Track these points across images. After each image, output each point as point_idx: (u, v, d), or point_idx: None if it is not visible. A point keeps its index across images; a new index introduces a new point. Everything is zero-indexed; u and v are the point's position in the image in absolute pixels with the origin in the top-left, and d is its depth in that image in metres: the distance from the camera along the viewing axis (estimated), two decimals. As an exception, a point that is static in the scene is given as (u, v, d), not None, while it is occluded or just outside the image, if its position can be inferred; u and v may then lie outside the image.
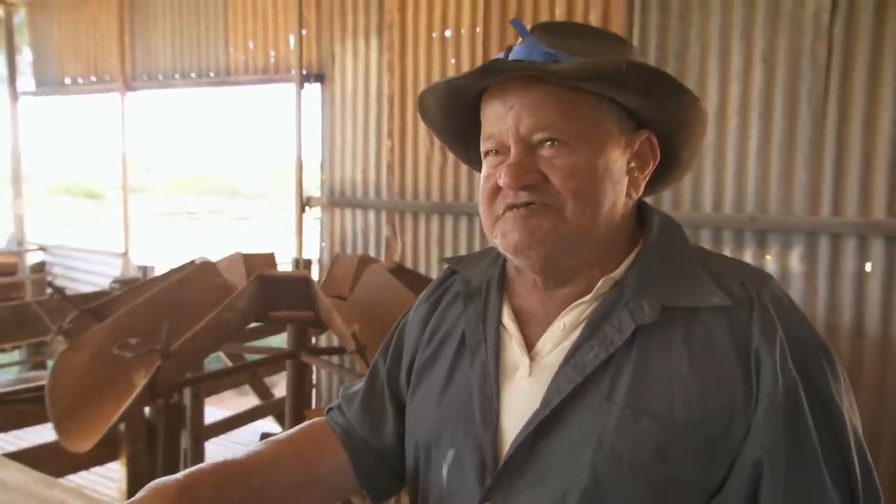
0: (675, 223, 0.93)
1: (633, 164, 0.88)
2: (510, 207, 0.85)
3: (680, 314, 0.83)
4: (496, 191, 0.86)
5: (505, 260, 0.97)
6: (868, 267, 3.16)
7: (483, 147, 0.89)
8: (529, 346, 0.90)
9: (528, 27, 0.88)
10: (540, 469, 0.82)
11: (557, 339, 0.88)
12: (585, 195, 0.83)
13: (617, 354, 0.83)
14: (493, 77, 0.86)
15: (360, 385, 1.11)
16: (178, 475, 0.90)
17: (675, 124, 0.88)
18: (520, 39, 0.87)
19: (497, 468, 0.85)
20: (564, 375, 0.83)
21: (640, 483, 0.78)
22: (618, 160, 0.86)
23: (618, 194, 0.86)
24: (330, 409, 1.12)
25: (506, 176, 0.83)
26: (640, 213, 0.94)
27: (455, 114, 0.94)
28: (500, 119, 0.85)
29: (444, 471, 0.91)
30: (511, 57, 0.85)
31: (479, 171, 0.94)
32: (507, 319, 0.93)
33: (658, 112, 0.86)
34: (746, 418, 0.78)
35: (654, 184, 0.95)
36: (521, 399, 0.87)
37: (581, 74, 0.81)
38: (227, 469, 0.94)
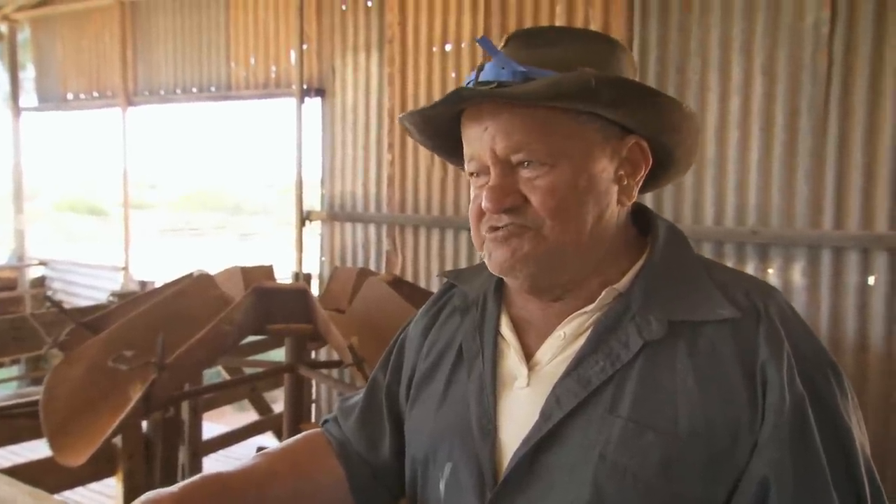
0: (679, 232, 0.91)
1: (622, 172, 0.85)
2: (492, 229, 0.84)
3: (685, 326, 0.81)
4: (482, 213, 0.85)
5: None
6: (871, 280, 3.13)
7: (467, 168, 0.88)
8: (528, 355, 0.88)
9: (504, 38, 0.87)
10: (541, 485, 0.80)
11: (557, 348, 0.86)
12: (566, 213, 0.81)
13: (620, 368, 0.81)
14: (458, 105, 0.85)
15: (357, 397, 1.09)
16: (173, 488, 0.89)
17: (661, 129, 0.86)
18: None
19: (496, 482, 0.83)
20: (566, 388, 0.81)
21: (643, 499, 0.76)
22: (605, 169, 0.84)
23: (605, 206, 0.84)
24: (326, 421, 1.10)
25: (486, 200, 0.82)
26: (643, 218, 0.92)
27: (439, 135, 0.93)
28: (477, 141, 0.84)
29: (442, 486, 0.88)
30: (481, 77, 0.83)
31: None
32: (506, 329, 0.91)
33: (638, 120, 0.84)
34: (752, 434, 0.76)
35: (655, 181, 0.93)
36: (520, 410, 0.85)
37: (548, 95, 0.79)
38: (222, 482, 0.93)
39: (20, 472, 2.60)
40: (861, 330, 3.13)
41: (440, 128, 0.91)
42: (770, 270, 3.33)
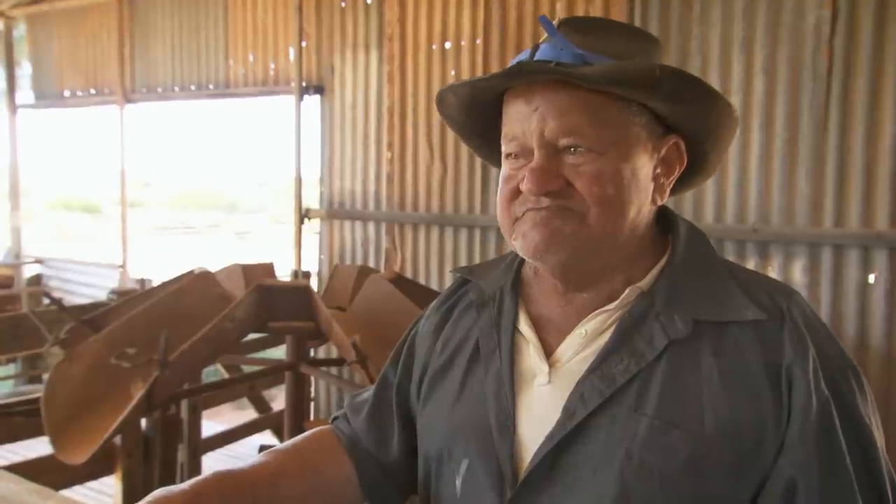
0: (700, 232, 0.91)
1: (659, 170, 0.85)
2: (531, 210, 0.82)
3: (709, 326, 0.81)
4: (516, 193, 0.84)
5: (520, 266, 0.95)
6: (871, 278, 3.14)
7: (505, 148, 0.86)
8: (548, 352, 0.87)
9: (556, 23, 0.84)
10: (565, 482, 0.80)
11: (578, 346, 0.85)
12: (610, 203, 0.80)
13: (645, 366, 0.80)
14: (519, 79, 0.83)
15: (367, 394, 1.08)
16: (184, 485, 0.88)
17: (706, 130, 0.85)
18: (544, 36, 0.83)
19: (515, 479, 0.82)
20: (591, 385, 0.81)
21: (670, 497, 0.76)
22: (644, 166, 0.83)
23: (643, 201, 0.84)
24: (336, 418, 1.10)
25: (528, 181, 0.81)
26: (664, 218, 0.92)
27: (476, 112, 0.91)
28: (524, 120, 0.82)
29: (458, 482, 0.87)
30: (538, 56, 0.82)
31: (496, 165, 0.91)
32: (524, 325, 0.90)
33: (689, 118, 0.83)
34: (778, 435, 0.76)
35: (678, 186, 0.93)
36: (540, 407, 0.84)
37: (613, 79, 0.78)
38: (233, 479, 0.92)
39: (18, 471, 2.59)
40: (861, 328, 3.14)
41: (481, 105, 0.90)
42: (770, 268, 3.34)
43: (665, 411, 0.78)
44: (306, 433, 1.07)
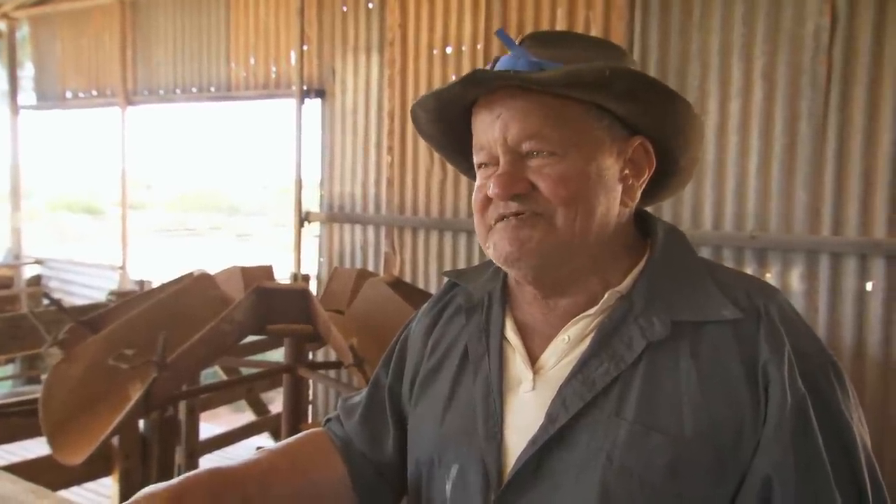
0: (680, 233, 0.92)
1: (626, 172, 0.86)
2: (500, 218, 0.84)
3: (687, 327, 0.82)
4: (487, 202, 0.86)
5: (507, 272, 0.96)
6: (869, 286, 3.15)
7: (475, 159, 0.89)
8: (532, 359, 0.88)
9: (517, 38, 0.87)
10: (547, 486, 0.81)
11: (562, 352, 0.86)
12: (576, 202, 0.82)
13: (625, 369, 0.81)
14: (476, 87, 0.85)
15: (360, 397, 1.09)
16: (172, 481, 0.88)
17: (669, 130, 0.86)
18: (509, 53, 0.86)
19: (501, 483, 0.83)
20: (572, 390, 0.82)
21: (650, 501, 0.76)
22: (610, 167, 0.84)
23: (611, 202, 0.85)
24: (328, 420, 1.10)
25: (494, 186, 0.83)
26: (642, 222, 0.93)
27: (448, 127, 0.93)
28: (488, 129, 0.85)
29: (448, 487, 0.89)
30: (497, 68, 0.84)
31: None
32: (510, 332, 0.91)
33: (648, 118, 0.85)
34: (755, 434, 0.77)
35: (658, 192, 0.94)
36: (526, 413, 0.85)
37: (564, 81, 0.80)
38: (222, 476, 0.92)
39: (16, 471, 2.59)
40: (858, 336, 3.14)
41: (450, 119, 0.92)
42: (768, 275, 3.34)
43: (645, 415, 0.79)
44: (299, 434, 1.08)
